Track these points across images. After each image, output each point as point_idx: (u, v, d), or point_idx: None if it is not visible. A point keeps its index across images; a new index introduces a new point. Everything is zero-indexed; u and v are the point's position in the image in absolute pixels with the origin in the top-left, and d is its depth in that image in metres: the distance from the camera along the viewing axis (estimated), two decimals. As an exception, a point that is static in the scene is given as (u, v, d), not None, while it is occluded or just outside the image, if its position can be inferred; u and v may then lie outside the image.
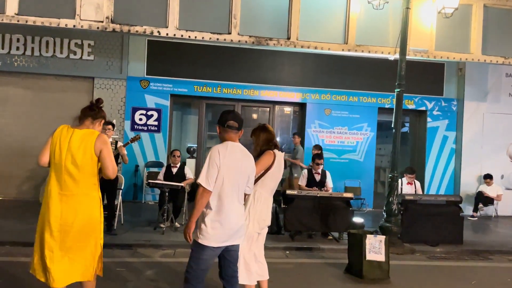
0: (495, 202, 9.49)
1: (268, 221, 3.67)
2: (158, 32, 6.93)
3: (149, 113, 9.25)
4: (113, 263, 4.88)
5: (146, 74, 9.22)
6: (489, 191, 9.42)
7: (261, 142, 3.69)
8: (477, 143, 9.95)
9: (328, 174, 7.57)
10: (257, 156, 3.61)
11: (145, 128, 9.23)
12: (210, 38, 7.08)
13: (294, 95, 9.70)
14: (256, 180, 3.56)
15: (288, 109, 10.57)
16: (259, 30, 7.22)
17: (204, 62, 9.34)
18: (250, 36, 7.16)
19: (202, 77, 9.36)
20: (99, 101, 3.23)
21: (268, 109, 10.08)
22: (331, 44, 7.39)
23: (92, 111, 3.14)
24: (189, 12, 7.05)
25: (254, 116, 10.52)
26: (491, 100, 10.04)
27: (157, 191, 7.96)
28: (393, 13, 7.19)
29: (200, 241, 2.91)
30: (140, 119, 9.23)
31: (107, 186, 5.57)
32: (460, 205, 7.02)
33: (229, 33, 7.09)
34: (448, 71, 10.02)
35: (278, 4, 7.30)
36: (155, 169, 8.81)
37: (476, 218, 9.28)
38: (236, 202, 3.00)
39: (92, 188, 3.02)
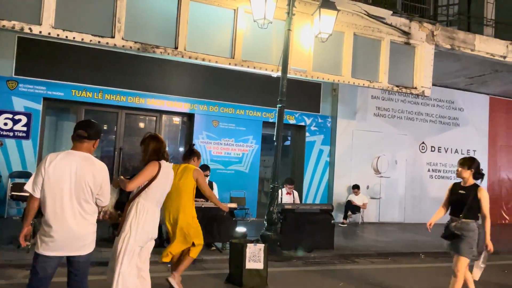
0: (361, 210, 10.60)
1: (153, 234, 3.56)
2: (30, 29, 6.27)
3: (17, 117, 8.26)
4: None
5: (15, 74, 8.24)
6: (356, 200, 10.49)
7: (149, 152, 3.58)
8: (347, 157, 11.03)
9: (214, 185, 7.63)
10: (143, 166, 3.50)
11: (11, 134, 8.22)
12: (90, 41, 6.64)
13: (182, 105, 9.62)
14: (139, 192, 3.44)
15: (176, 119, 10.43)
16: (146, 37, 7.02)
17: (84, 64, 8.71)
18: (135, 42, 6.92)
19: (82, 81, 8.71)
20: None
21: (155, 118, 9.81)
22: (218, 58, 7.53)
23: None
24: (68, 10, 6.53)
25: (141, 125, 10.14)
26: (359, 119, 11.25)
27: (24, 204, 7.10)
28: (277, 33, 7.64)
29: (35, 249, 2.90)
30: (5, 124, 8.19)
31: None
32: (331, 213, 7.67)
33: (113, 37, 6.75)
34: (324, 91, 10.97)
35: (166, 12, 7.21)
36: (22, 180, 7.86)
37: (346, 225, 10.24)
38: (76, 212, 2.93)
39: None
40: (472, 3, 10.90)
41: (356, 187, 10.56)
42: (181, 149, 10.20)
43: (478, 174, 4.40)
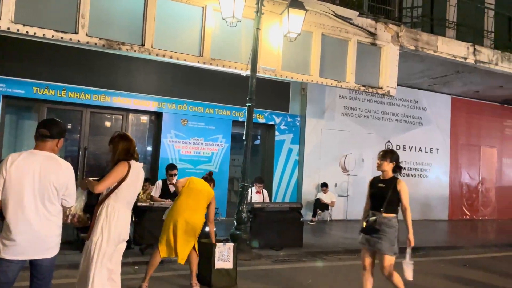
0: (330, 208, 10.76)
1: (125, 235, 3.47)
2: (-13, 23, 5.98)
3: (-27, 115, 7.88)
4: None
5: (-29, 70, 7.86)
6: (325, 198, 10.64)
7: (118, 152, 3.48)
8: (316, 156, 11.18)
9: (182, 184, 7.52)
10: (112, 167, 3.40)
11: (-33, 133, 7.83)
12: (52, 36, 6.40)
13: (150, 104, 9.45)
14: (109, 193, 3.35)
15: (143, 118, 10.23)
16: (111, 33, 6.83)
17: (46, 61, 8.39)
18: (100, 39, 6.72)
19: (44, 78, 8.39)
20: None
21: (121, 117, 9.59)
22: (186, 55, 7.44)
23: None
24: (29, 4, 6.26)
25: (106, 124, 9.88)
26: (328, 118, 11.42)
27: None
28: (246, 32, 7.62)
29: None
30: (-39, 123, 7.79)
31: None
32: (300, 211, 7.74)
33: (76, 33, 6.53)
34: (293, 90, 11.06)
35: (133, 7, 7.04)
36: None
37: (315, 223, 10.36)
38: (40, 213, 2.84)
39: None
40: (435, 6, 11.29)
41: (324, 185, 10.71)
42: (149, 148, 10.03)
43: (398, 168, 4.30)
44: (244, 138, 7.10)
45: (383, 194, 4.21)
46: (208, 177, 5.18)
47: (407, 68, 10.14)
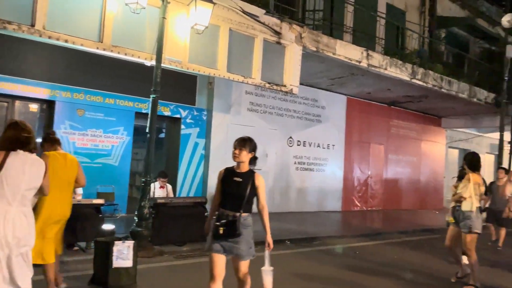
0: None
1: (24, 240, 3.08)
2: None
3: None
4: None
5: None
6: (230, 192, 10.71)
7: (3, 140, 3.11)
8: (222, 150, 11.22)
9: (77, 179, 6.99)
10: None
11: None
12: None
13: (41, 91, 8.57)
14: None
15: (33, 106, 9.25)
16: (-6, 9, 6.04)
17: None
18: (-20, 14, 5.90)
19: None
20: None
21: (6, 104, 8.54)
22: (84, 40, 6.88)
23: None
24: None
25: (-12, 111, 8.74)
26: (234, 113, 11.53)
27: None
28: (151, 20, 7.30)
29: None
30: None
31: None
32: (205, 205, 7.71)
33: (-52, 5, 5.65)
34: (200, 83, 10.93)
35: (21, -17, 6.31)
36: None
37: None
38: None
39: None
40: (335, 11, 12.06)
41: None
42: (39, 140, 9.10)
43: (255, 159, 3.80)
44: (147, 131, 6.83)
45: (241, 191, 3.63)
46: (52, 139, 4.60)
47: (308, 68, 10.67)
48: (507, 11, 13.46)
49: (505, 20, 13.07)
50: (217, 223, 3.62)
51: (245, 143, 3.76)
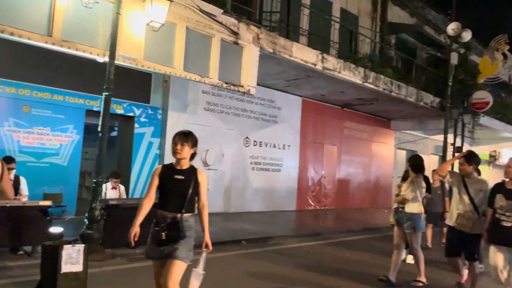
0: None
1: None
2: None
3: None
4: None
5: None
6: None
7: None
8: (177, 150, 11.04)
9: (22, 180, 6.67)
10: None
11: None
12: None
13: (-19, 86, 8.04)
14: None
15: (-27, 102, 8.65)
16: None
17: None
18: None
19: None
20: None
21: None
22: (32, 34, 6.51)
23: None
24: None
25: None
26: (190, 112, 11.38)
27: None
28: (104, 15, 7.05)
29: None
30: None
31: None
32: (160, 206, 7.54)
33: None
34: (155, 81, 10.70)
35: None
36: None
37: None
38: None
39: None
40: (291, 13, 12.22)
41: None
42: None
43: (194, 155, 3.56)
44: (99, 129, 6.59)
45: (183, 190, 3.37)
46: None
47: (265, 69, 10.75)
48: (453, 19, 14.18)
49: (450, 28, 13.85)
50: (157, 228, 3.33)
51: (187, 137, 3.47)
